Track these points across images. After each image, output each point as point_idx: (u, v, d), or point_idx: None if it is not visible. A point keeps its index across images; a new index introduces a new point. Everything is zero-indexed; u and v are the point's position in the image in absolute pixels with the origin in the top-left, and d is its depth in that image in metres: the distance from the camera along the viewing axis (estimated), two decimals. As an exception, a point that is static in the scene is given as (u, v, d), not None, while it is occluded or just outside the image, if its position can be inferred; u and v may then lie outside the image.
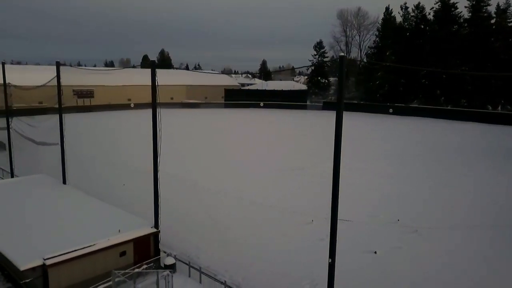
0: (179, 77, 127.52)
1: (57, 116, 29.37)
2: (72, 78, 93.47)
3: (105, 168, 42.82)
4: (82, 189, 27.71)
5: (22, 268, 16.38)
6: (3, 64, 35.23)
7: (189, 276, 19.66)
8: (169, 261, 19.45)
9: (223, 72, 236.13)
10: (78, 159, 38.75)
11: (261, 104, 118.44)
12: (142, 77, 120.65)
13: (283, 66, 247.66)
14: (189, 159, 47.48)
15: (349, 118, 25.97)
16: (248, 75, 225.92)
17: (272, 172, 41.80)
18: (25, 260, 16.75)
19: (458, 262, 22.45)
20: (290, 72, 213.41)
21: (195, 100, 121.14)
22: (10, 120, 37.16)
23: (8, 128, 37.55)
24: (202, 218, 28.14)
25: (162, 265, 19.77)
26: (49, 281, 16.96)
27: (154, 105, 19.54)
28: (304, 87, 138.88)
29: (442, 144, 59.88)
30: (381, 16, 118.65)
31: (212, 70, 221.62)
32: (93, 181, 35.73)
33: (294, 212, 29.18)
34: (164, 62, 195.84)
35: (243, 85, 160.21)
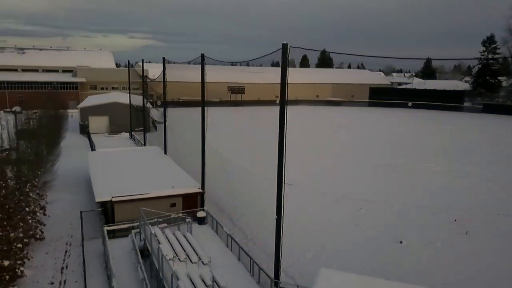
0: (326, 75, 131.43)
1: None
2: (228, 76, 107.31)
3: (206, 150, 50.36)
4: (175, 158, 35.02)
5: (96, 200, 23.71)
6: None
7: (215, 230, 24.16)
8: (201, 214, 24.38)
9: (383, 71, 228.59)
10: (191, 141, 47.17)
11: (409, 104, 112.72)
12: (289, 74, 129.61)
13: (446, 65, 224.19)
14: (293, 152, 51.44)
15: None
16: (412, 73, 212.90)
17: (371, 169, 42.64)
18: (100, 196, 24.08)
19: None
20: (458, 72, 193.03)
21: (340, 98, 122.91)
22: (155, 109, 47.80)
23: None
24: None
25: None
26: (115, 211, 23.90)
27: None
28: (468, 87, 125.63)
29: None
30: None
31: (369, 69, 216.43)
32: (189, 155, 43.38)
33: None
34: (325, 61, 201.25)
35: (399, 84, 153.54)
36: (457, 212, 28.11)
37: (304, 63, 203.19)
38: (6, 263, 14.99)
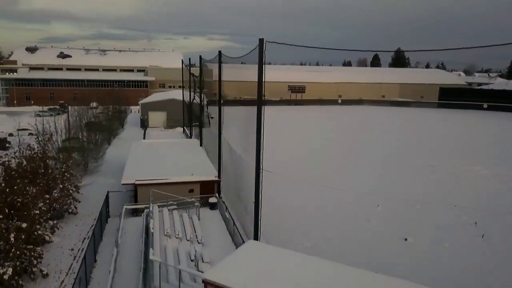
0: (393, 75, 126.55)
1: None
2: (289, 75, 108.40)
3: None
4: (208, 149, 37.32)
5: (121, 183, 26.58)
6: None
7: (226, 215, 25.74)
8: (212, 200, 26.17)
9: (465, 71, 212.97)
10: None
11: (485, 105, 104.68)
12: (353, 74, 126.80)
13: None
14: (320, 154, 51.39)
15: None
16: (497, 73, 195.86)
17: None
18: (126, 179, 26.92)
19: None
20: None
21: (408, 98, 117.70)
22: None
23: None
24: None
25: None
26: (137, 193, 26.60)
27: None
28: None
29: None
30: None
31: (452, 69, 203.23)
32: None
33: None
34: (399, 61, 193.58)
35: (479, 84, 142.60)
36: (480, 216, 26.71)
37: (375, 62, 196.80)
38: (24, 225, 17.94)
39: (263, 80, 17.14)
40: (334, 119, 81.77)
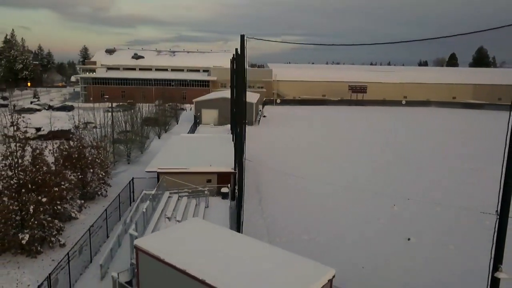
0: (466, 76, 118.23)
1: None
2: (350, 75, 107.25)
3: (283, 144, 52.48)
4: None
5: (145, 170, 29.02)
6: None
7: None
8: (224, 190, 27.54)
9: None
10: (276, 135, 50.22)
11: None
12: (422, 74, 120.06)
13: None
14: (369, 155, 50.10)
15: None
16: None
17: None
18: (151, 167, 29.36)
19: None
20: None
21: (483, 100, 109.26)
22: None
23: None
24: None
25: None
26: (159, 180, 28.87)
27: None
28: None
29: None
30: None
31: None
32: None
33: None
34: (483, 60, 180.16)
35: None
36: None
37: (452, 62, 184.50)
38: (44, 199, 20.76)
39: (245, 73, 18.11)
40: (392, 119, 78.91)
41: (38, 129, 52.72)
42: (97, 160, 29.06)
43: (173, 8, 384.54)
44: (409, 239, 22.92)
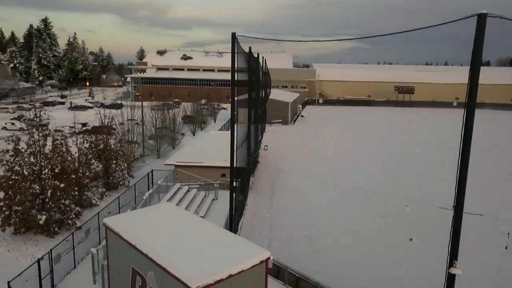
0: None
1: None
2: (396, 75, 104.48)
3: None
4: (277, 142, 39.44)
5: (164, 163, 30.71)
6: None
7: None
8: (235, 184, 28.42)
9: None
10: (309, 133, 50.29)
11: None
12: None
13: None
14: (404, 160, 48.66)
15: None
16: None
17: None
18: (168, 161, 31.01)
19: None
20: None
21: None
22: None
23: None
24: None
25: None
26: (176, 172, 30.42)
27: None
28: None
29: None
30: None
31: None
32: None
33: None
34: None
35: None
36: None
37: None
38: (61, 185, 22.88)
39: (236, 70, 18.86)
40: (439, 121, 75.59)
41: (84, 124, 56.84)
42: (120, 152, 31.17)
43: (228, 9, 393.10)
44: (411, 239, 22.48)
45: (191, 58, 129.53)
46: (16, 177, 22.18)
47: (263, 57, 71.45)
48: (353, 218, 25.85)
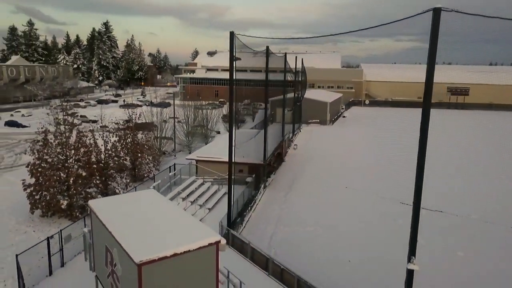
0: None
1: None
2: (449, 75, 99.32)
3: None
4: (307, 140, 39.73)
5: (185, 158, 32.09)
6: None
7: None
8: (248, 179, 29.17)
9: None
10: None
11: None
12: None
13: None
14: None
15: None
16: None
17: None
18: (190, 156, 32.34)
19: None
20: None
21: None
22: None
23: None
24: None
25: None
26: (197, 168, 31.75)
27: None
28: None
29: None
30: None
31: None
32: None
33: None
34: None
35: None
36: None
37: None
38: (83, 173, 24.95)
39: (234, 69, 19.58)
40: (492, 125, 71.22)
41: (127, 121, 60.28)
42: (145, 146, 33.08)
43: (283, 10, 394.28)
44: (415, 241, 21.87)
45: (239, 59, 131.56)
46: (45, 165, 24.50)
47: (301, 59, 71.34)
48: (362, 219, 25.54)
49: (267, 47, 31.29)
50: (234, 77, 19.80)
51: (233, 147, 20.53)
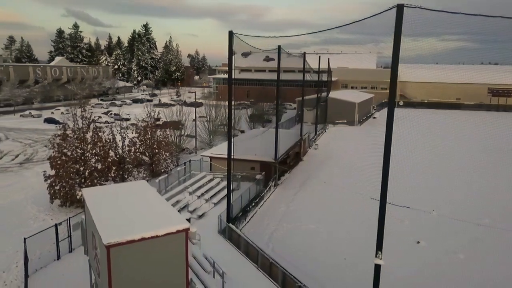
0: None
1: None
2: (490, 76, 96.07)
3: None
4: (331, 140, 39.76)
5: (200, 155, 33.00)
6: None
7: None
8: (258, 176, 29.61)
9: None
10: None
11: None
12: None
13: None
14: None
15: None
16: None
17: None
18: (204, 153, 33.20)
19: None
20: None
21: None
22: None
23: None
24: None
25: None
26: (211, 165, 32.55)
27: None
28: None
29: None
30: None
31: None
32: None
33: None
34: None
35: None
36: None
37: None
38: (99, 166, 26.34)
39: (233, 68, 20.12)
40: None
41: (157, 119, 62.36)
42: (163, 143, 34.30)
43: (322, 10, 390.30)
44: (418, 242, 21.57)
45: (273, 59, 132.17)
46: (64, 158, 26.13)
47: (328, 59, 70.82)
48: (366, 220, 25.19)
49: (279, 46, 31.52)
50: (233, 77, 20.31)
51: (232, 144, 21.03)
